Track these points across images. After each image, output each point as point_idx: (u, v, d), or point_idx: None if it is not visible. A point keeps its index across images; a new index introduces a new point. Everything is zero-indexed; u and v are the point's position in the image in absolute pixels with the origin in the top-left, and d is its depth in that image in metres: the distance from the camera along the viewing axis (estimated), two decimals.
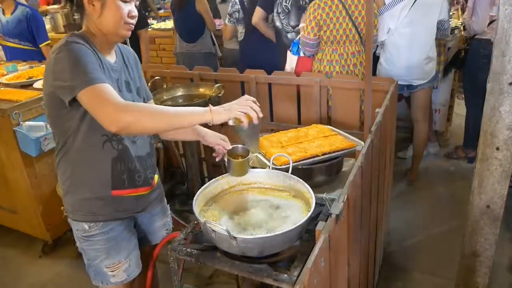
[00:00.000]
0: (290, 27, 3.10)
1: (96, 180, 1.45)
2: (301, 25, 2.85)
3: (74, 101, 1.24)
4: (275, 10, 3.19)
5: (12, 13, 3.53)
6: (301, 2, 3.00)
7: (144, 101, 1.60)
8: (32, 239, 2.83)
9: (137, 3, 1.42)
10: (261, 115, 1.28)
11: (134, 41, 3.46)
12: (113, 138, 1.41)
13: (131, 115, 1.18)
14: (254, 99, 1.30)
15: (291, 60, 2.93)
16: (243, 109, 1.26)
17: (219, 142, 1.56)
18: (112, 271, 1.55)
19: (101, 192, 1.45)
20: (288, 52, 2.99)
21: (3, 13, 3.56)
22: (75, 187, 1.46)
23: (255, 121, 1.27)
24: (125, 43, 3.51)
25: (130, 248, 1.58)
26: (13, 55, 3.65)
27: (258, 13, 3.28)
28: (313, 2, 2.64)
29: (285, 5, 3.06)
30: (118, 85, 1.43)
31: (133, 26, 1.41)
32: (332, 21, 2.58)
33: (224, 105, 1.29)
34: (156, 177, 1.66)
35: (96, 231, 1.49)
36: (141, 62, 3.39)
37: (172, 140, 2.47)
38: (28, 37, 3.57)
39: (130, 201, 1.52)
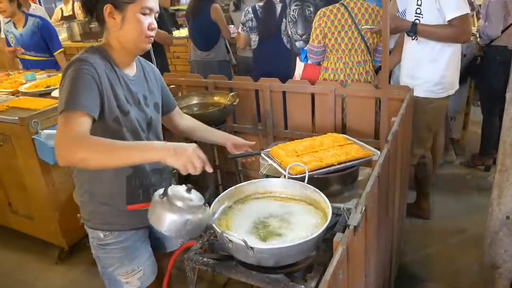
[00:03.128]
0: (298, 36, 3.12)
1: (111, 194, 1.48)
2: None
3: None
4: (287, 20, 3.22)
5: (24, 26, 3.58)
6: (306, 12, 3.02)
7: (165, 114, 1.71)
8: (48, 245, 2.87)
9: (157, 15, 1.42)
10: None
11: (159, 49, 3.50)
12: None
13: (82, 150, 1.15)
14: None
15: (299, 67, 2.96)
16: (191, 167, 1.22)
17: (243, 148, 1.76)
18: (126, 279, 1.57)
19: (117, 205, 1.48)
20: (297, 59, 3.01)
21: (15, 26, 3.61)
22: (92, 199, 1.49)
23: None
24: (148, 52, 3.55)
25: (145, 257, 1.60)
26: (30, 68, 3.71)
27: None
28: (320, 10, 2.66)
29: (292, 15, 3.10)
30: (138, 97, 1.47)
31: (153, 39, 1.42)
32: (337, 29, 2.60)
33: (182, 150, 1.22)
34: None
35: (111, 240, 1.50)
36: (168, 70, 3.47)
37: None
38: (44, 47, 3.62)
39: (145, 213, 1.53)
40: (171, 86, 2.85)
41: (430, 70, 2.41)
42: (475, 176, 3.46)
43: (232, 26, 4.55)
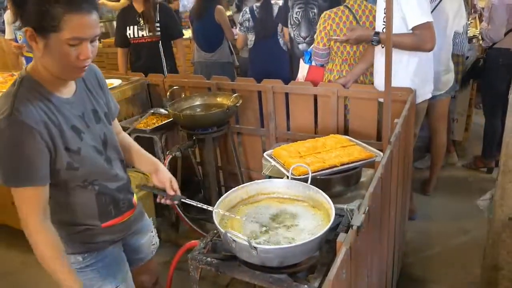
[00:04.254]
0: (301, 38, 3.13)
1: (83, 215, 1.40)
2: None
3: None
4: (288, 22, 3.23)
5: None
6: (310, 15, 3.03)
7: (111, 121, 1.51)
8: None
9: (96, 38, 1.19)
10: None
11: (169, 50, 3.50)
12: (93, 182, 1.37)
13: (32, 241, 1.23)
14: None
15: (303, 69, 2.97)
16: None
17: (166, 185, 1.52)
18: None
19: (90, 225, 1.41)
20: (301, 61, 3.02)
21: None
22: (63, 224, 1.39)
23: None
24: (159, 53, 3.53)
25: (124, 271, 1.55)
26: None
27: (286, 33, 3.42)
28: (324, 13, 2.67)
29: (295, 17, 3.10)
30: (85, 120, 1.32)
31: (86, 68, 1.22)
32: (342, 31, 2.60)
33: None
34: (135, 196, 1.61)
35: (91, 261, 1.44)
36: (176, 72, 3.48)
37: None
38: None
39: (118, 226, 1.50)
40: (175, 87, 2.86)
41: (398, 79, 2.33)
42: (477, 178, 3.46)
43: (235, 27, 4.58)
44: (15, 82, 1.22)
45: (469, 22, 3.82)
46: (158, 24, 3.37)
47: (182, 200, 1.52)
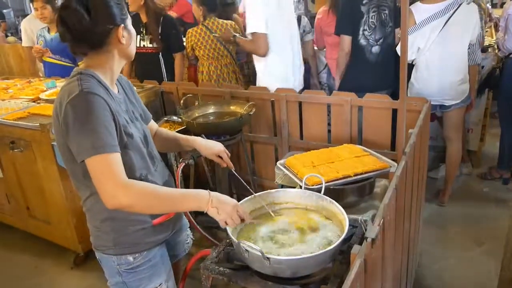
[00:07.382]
0: (375, 41, 3.04)
1: (135, 215, 1.43)
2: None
3: None
4: (360, 29, 3.12)
5: (56, 32, 3.69)
6: (382, 16, 2.97)
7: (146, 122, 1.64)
8: (64, 250, 2.90)
9: None
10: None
11: (170, 62, 3.52)
12: (147, 176, 1.44)
13: (129, 198, 1.21)
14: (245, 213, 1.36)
15: None
16: (231, 222, 1.32)
17: (215, 159, 1.75)
18: None
19: (142, 223, 1.45)
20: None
21: (49, 31, 3.72)
22: (114, 225, 1.43)
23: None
24: (159, 65, 3.58)
25: (168, 269, 1.59)
26: (52, 71, 3.79)
27: None
28: (188, 30, 3.53)
29: (371, 21, 3.02)
30: (129, 115, 1.44)
31: None
32: (202, 43, 3.45)
33: (223, 205, 1.31)
34: None
35: (140, 261, 1.48)
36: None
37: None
38: (69, 54, 3.70)
39: (167, 224, 1.54)
40: (188, 95, 2.88)
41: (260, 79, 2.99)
42: (492, 188, 3.40)
43: None
44: (74, 75, 1.34)
45: (485, 31, 3.79)
46: (159, 36, 3.39)
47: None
